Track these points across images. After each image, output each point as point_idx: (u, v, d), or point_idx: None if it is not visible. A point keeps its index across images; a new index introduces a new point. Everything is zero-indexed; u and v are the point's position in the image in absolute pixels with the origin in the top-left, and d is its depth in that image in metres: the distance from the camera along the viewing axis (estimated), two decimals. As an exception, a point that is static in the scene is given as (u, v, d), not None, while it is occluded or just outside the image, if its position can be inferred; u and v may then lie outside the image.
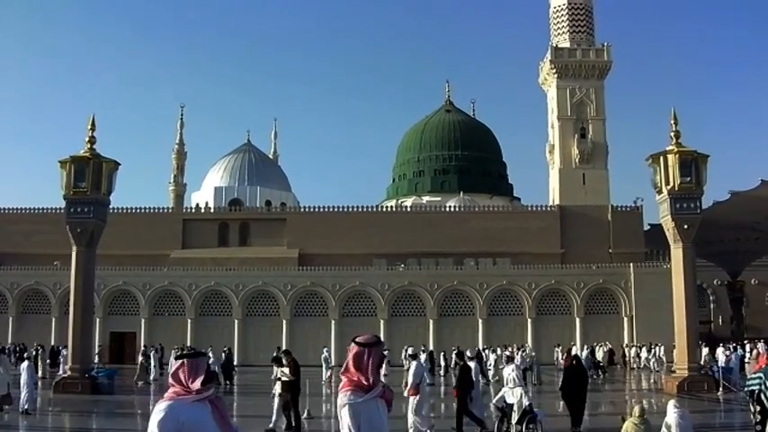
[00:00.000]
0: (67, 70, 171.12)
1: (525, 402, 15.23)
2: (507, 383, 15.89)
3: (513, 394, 15.52)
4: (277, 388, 17.32)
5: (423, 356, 37.69)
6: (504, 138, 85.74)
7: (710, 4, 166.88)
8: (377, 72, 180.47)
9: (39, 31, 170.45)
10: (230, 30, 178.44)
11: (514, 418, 15.25)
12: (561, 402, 18.47)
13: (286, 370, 17.06)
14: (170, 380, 4.65)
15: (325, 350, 41.72)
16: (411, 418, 15.16)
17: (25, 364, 22.08)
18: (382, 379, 5.44)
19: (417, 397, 15.26)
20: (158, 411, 4.51)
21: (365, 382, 5.09)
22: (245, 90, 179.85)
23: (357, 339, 5.31)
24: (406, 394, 15.57)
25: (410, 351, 16.84)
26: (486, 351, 42.40)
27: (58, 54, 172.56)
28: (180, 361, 4.65)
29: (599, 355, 43.88)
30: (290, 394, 16.75)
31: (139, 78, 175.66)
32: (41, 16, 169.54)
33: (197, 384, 4.58)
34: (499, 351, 47.02)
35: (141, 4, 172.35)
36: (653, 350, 46.06)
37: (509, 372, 16.11)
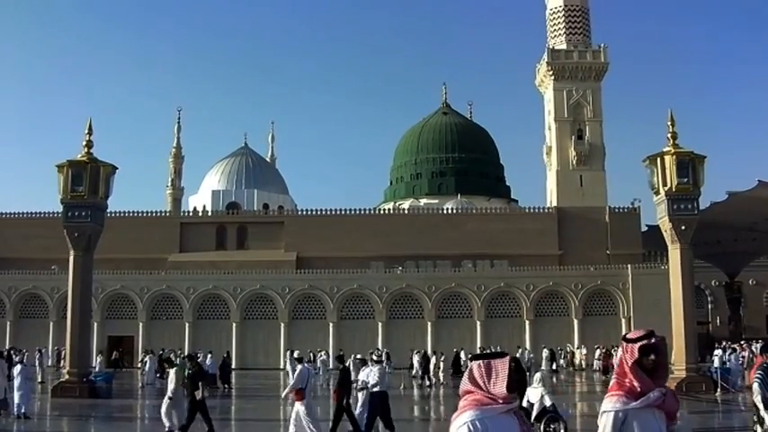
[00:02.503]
0: (65, 74, 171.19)
1: (547, 402, 15.54)
2: (532, 383, 16.39)
3: (535, 393, 15.88)
4: (170, 391, 17.28)
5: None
6: (501, 140, 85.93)
7: (707, 4, 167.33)
8: (374, 75, 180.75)
9: (35, 34, 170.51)
10: (227, 33, 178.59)
11: (533, 415, 15.67)
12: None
13: (171, 373, 17.08)
14: (467, 385, 3.92)
15: (322, 353, 41.71)
16: (304, 421, 14.99)
17: (18, 367, 21.96)
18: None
19: (303, 402, 15.07)
20: (460, 424, 3.78)
21: (637, 386, 4.19)
22: (242, 93, 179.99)
23: (627, 336, 4.36)
24: (283, 396, 15.28)
25: (296, 354, 16.33)
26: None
27: (56, 58, 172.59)
28: (477, 362, 3.94)
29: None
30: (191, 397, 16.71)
31: (137, 82, 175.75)
32: (38, 20, 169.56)
33: (501, 389, 3.81)
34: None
35: (138, 7, 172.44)
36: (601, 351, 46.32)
37: (537, 374, 16.90)
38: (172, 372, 17.72)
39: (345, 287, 54.50)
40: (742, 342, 44.20)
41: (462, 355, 43.46)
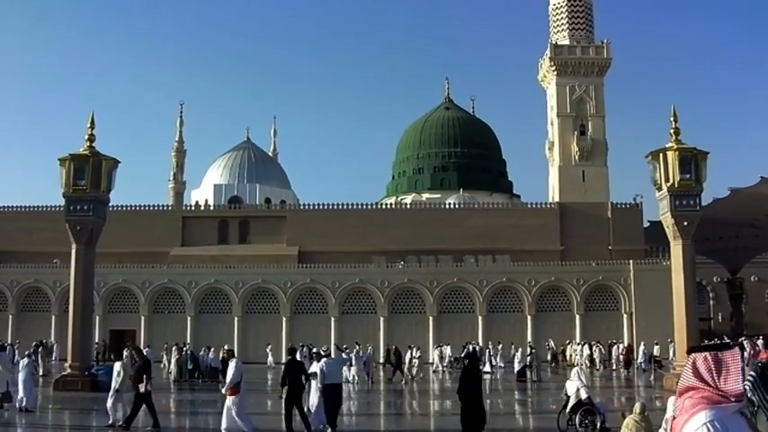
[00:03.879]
0: (67, 68, 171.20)
1: (583, 395, 16.03)
2: (571, 377, 17.01)
3: (572, 386, 16.43)
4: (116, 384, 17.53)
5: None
6: (503, 135, 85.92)
7: (710, 1, 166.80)
8: (376, 69, 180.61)
9: (37, 28, 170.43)
10: (230, 27, 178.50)
11: (569, 407, 16.29)
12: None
13: (117, 366, 17.55)
14: (691, 380, 3.48)
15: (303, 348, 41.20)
16: (234, 419, 15.22)
17: (24, 361, 22.05)
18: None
19: (236, 396, 15.23)
20: (698, 425, 3.33)
21: None
22: (244, 88, 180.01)
23: None
24: (224, 391, 15.66)
25: (227, 347, 16.27)
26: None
27: (58, 52, 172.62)
28: (702, 354, 3.50)
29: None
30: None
31: (139, 76, 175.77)
32: (40, 14, 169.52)
33: (735, 386, 3.38)
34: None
35: (141, 2, 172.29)
36: (594, 348, 46.19)
37: (575, 368, 17.81)
38: (118, 365, 17.81)
39: (347, 281, 54.53)
40: (741, 339, 44.18)
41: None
